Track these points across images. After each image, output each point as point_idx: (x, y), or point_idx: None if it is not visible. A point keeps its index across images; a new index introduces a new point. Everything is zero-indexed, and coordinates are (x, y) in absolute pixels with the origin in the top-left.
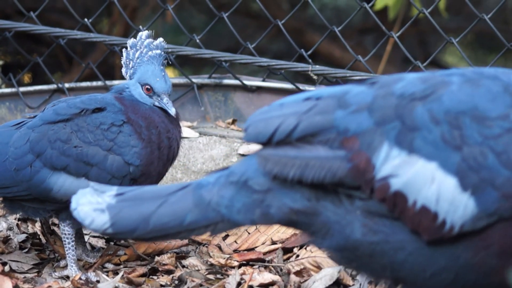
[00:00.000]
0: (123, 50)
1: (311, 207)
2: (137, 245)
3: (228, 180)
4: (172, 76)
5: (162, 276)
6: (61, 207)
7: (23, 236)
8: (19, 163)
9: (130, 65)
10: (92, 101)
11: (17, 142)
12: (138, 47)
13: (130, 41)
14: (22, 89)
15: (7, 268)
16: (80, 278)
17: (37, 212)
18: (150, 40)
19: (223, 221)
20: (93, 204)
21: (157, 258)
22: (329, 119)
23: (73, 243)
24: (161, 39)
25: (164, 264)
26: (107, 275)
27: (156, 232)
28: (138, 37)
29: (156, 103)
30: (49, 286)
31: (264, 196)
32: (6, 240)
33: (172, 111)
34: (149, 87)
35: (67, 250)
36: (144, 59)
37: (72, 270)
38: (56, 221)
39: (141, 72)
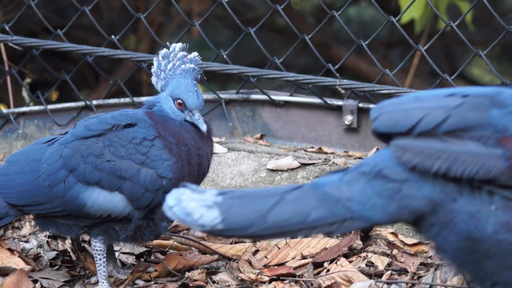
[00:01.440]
0: (154, 59)
1: (447, 198)
2: (167, 261)
3: (359, 171)
4: (200, 91)
5: None
6: (94, 222)
7: (54, 253)
8: (52, 179)
9: (162, 76)
10: (123, 116)
11: (50, 158)
12: (171, 59)
13: (162, 51)
14: (50, 106)
15: (38, 285)
16: None
17: (70, 228)
18: (184, 53)
19: (353, 218)
20: (198, 200)
21: (187, 274)
22: (484, 116)
23: (104, 259)
24: (195, 53)
25: (195, 280)
26: None
27: (274, 229)
28: (171, 49)
29: (188, 118)
30: None
31: (400, 186)
32: (37, 257)
33: (203, 127)
34: (181, 102)
35: (98, 267)
36: (176, 72)
37: (103, 287)
38: (86, 237)
39: (173, 86)
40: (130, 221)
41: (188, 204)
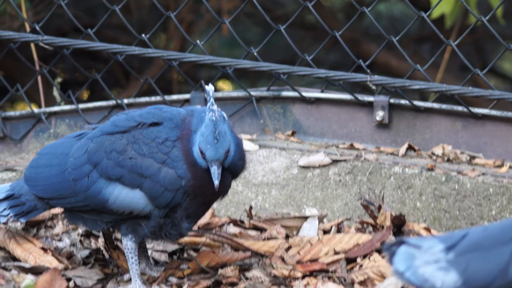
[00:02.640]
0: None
1: None
2: (200, 258)
3: None
4: (230, 89)
5: None
6: (117, 219)
7: (87, 252)
8: (77, 173)
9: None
10: (150, 115)
11: (76, 152)
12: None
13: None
14: (81, 105)
15: (71, 284)
16: None
17: (96, 223)
18: (211, 101)
19: None
20: (431, 263)
21: (220, 271)
22: None
23: (136, 257)
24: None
25: (228, 277)
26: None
27: None
28: (207, 92)
29: (208, 167)
30: None
31: None
32: (70, 256)
33: (216, 183)
34: (202, 151)
35: (130, 265)
36: (206, 116)
37: (136, 285)
38: (119, 235)
39: (200, 132)
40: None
41: (423, 269)
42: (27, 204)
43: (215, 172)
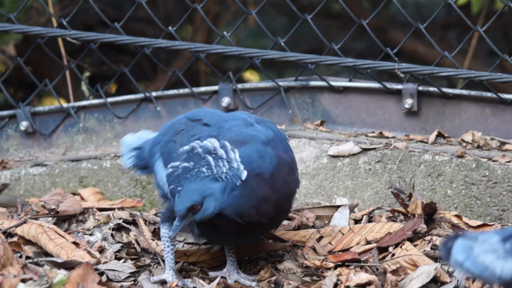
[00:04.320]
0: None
1: None
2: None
3: None
4: (257, 80)
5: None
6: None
7: (118, 246)
8: (153, 147)
9: None
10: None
11: (162, 129)
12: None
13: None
14: (110, 99)
15: (104, 278)
16: (177, 285)
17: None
18: None
19: None
20: (490, 252)
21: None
22: None
23: (171, 247)
24: None
25: (260, 269)
26: (204, 281)
27: None
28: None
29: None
30: None
31: None
32: (102, 250)
33: (170, 234)
34: None
35: (165, 254)
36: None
37: (169, 275)
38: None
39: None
40: None
41: (482, 257)
42: (144, 162)
43: (173, 225)
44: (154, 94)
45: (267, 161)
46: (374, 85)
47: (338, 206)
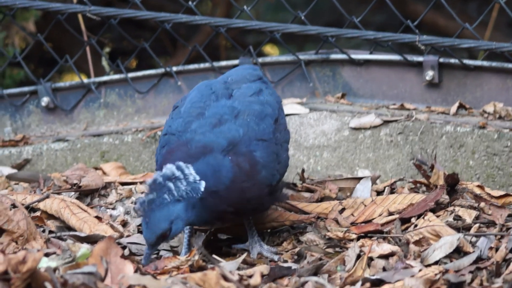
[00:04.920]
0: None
1: None
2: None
3: None
4: (277, 54)
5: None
6: None
7: (141, 219)
8: None
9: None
10: None
11: None
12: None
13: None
14: (130, 74)
15: (126, 251)
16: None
17: None
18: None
19: None
20: None
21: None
22: None
23: (189, 229)
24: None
25: (283, 241)
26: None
27: None
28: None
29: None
30: (166, 266)
31: None
32: (124, 224)
33: (143, 262)
34: None
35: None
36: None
37: (183, 252)
38: None
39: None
40: None
41: None
42: None
43: (144, 252)
44: (174, 68)
45: (223, 175)
46: (395, 57)
47: (360, 178)
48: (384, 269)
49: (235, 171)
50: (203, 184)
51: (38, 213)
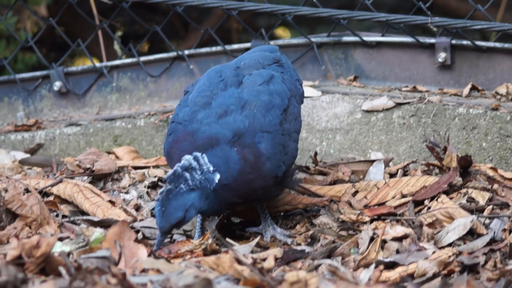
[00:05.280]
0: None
1: None
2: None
3: None
4: (289, 36)
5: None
6: None
7: (154, 204)
8: None
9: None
10: None
11: None
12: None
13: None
14: (142, 58)
15: (140, 235)
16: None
17: None
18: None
19: None
20: None
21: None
22: None
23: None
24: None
25: (296, 224)
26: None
27: None
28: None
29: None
30: (179, 250)
31: None
32: (138, 208)
33: (154, 248)
34: None
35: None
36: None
37: (197, 235)
38: None
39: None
40: None
41: None
42: None
43: (157, 239)
44: (186, 52)
45: (231, 167)
46: (407, 39)
47: (373, 161)
48: (397, 252)
49: (241, 163)
50: (217, 176)
51: (51, 198)
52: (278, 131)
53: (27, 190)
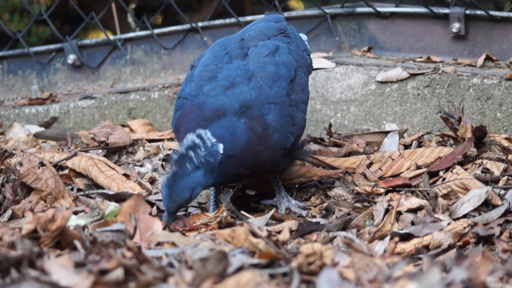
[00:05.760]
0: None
1: None
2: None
3: None
4: (302, 8)
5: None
6: None
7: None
8: None
9: None
10: None
11: None
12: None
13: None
14: (156, 31)
15: (154, 209)
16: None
17: None
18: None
19: None
20: None
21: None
22: None
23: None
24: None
25: (311, 196)
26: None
27: None
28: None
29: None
30: (194, 223)
31: None
32: (152, 181)
33: (163, 220)
34: None
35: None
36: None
37: (211, 210)
38: None
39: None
40: None
41: None
42: None
43: (164, 218)
44: (200, 24)
45: (238, 137)
46: (421, 10)
47: (388, 132)
48: (412, 223)
49: (249, 133)
50: (221, 147)
51: (66, 171)
52: (285, 102)
53: (42, 164)
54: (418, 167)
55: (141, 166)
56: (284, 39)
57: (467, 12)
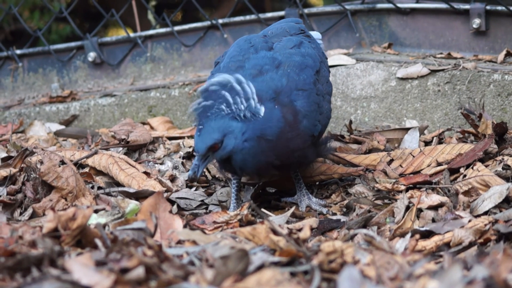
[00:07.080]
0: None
1: None
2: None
3: None
4: (322, 4)
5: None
6: None
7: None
8: None
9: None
10: None
11: None
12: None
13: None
14: (176, 28)
15: (175, 207)
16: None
17: None
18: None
19: None
20: None
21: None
22: None
23: (234, 181)
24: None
25: (332, 193)
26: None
27: None
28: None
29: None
30: (214, 221)
31: None
32: (173, 178)
33: (189, 173)
34: None
35: (232, 185)
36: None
37: (232, 206)
38: None
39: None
40: None
41: None
42: None
43: (193, 164)
44: (220, 21)
45: (274, 124)
46: (441, 5)
47: (408, 129)
48: (433, 220)
49: (283, 121)
50: (262, 110)
51: (86, 169)
52: (313, 90)
53: (62, 162)
54: (439, 164)
55: (161, 164)
56: (305, 38)
57: (488, 7)
